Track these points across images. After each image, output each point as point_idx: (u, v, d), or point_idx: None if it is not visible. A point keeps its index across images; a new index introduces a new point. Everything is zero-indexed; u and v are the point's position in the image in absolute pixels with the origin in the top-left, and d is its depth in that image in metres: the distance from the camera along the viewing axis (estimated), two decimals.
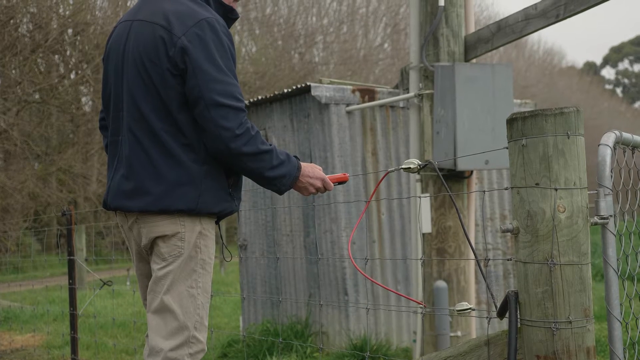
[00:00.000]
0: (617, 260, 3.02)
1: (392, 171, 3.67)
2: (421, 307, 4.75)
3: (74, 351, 7.40)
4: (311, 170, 3.90)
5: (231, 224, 28.57)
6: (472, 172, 7.30)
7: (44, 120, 25.27)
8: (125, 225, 3.88)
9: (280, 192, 3.84)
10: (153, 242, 3.73)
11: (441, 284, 7.16)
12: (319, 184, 3.93)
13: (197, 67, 3.56)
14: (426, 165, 3.58)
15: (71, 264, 7.40)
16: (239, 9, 30.41)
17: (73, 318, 7.46)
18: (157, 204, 3.64)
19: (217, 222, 3.89)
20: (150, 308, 3.73)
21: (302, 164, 3.86)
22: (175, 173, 3.64)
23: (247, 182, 10.19)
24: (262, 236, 10.79)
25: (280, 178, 3.74)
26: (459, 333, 7.22)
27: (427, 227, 7.23)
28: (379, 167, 9.74)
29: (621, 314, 2.98)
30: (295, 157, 3.84)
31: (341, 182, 4.11)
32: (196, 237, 3.70)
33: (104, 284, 7.19)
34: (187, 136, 3.64)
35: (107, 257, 23.37)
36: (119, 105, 3.82)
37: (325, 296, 9.66)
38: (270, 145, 3.68)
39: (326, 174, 3.96)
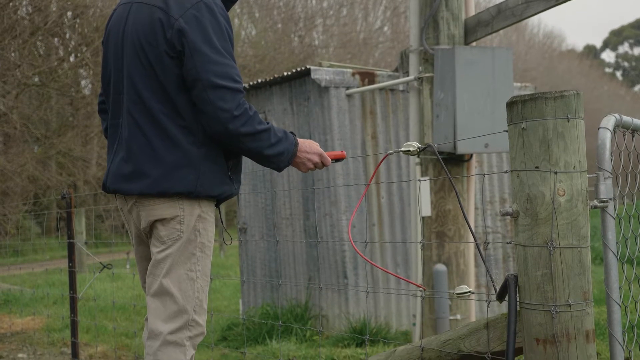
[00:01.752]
0: (617, 243, 3.02)
1: (392, 154, 3.66)
2: (421, 291, 4.75)
3: (74, 334, 7.41)
4: (308, 145, 3.90)
5: (231, 207, 28.58)
6: (471, 155, 7.29)
7: (43, 103, 25.25)
8: (125, 208, 3.88)
9: (279, 169, 3.84)
10: (152, 226, 3.73)
11: (441, 267, 7.16)
12: (316, 159, 3.92)
13: (194, 48, 3.55)
14: (426, 148, 3.57)
15: (71, 247, 7.41)
16: None
17: (73, 301, 7.47)
18: (156, 187, 3.64)
19: (217, 206, 3.89)
20: (150, 291, 3.73)
21: (299, 140, 3.86)
22: (173, 155, 3.64)
23: (246, 165, 10.15)
24: (262, 219, 10.80)
25: (278, 155, 3.74)
26: (459, 316, 7.23)
27: (426, 210, 7.22)
28: (379, 151, 9.74)
29: (620, 297, 2.99)
30: (292, 133, 3.84)
31: (339, 159, 4.10)
32: (195, 220, 3.70)
33: (104, 267, 7.19)
34: (185, 119, 3.63)
35: (106, 240, 23.38)
36: (118, 88, 3.82)
37: (324, 279, 9.67)
38: (268, 123, 3.68)
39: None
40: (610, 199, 2.98)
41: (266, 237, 10.70)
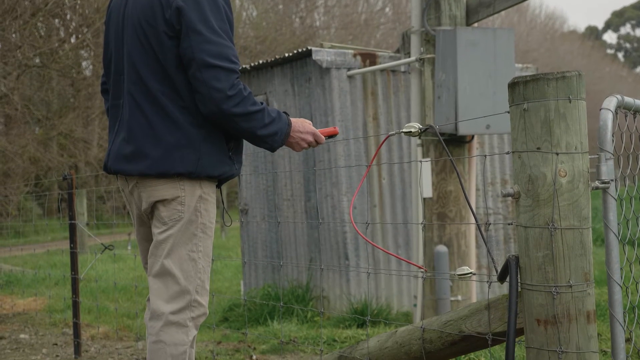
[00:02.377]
0: (618, 224, 3.02)
1: (393, 135, 3.66)
2: (422, 272, 4.76)
3: (76, 315, 7.43)
4: (301, 125, 3.89)
5: (232, 188, 28.59)
6: (473, 136, 7.29)
7: (44, 84, 25.22)
8: (126, 189, 3.88)
9: (273, 150, 3.84)
10: (153, 207, 3.74)
11: (442, 248, 7.17)
12: (310, 138, 3.92)
13: (190, 28, 3.55)
14: (427, 129, 3.57)
15: (72, 228, 7.41)
16: None
17: (74, 282, 7.48)
18: (156, 168, 3.64)
19: (218, 186, 3.90)
20: (152, 272, 3.75)
21: (292, 119, 3.86)
22: (173, 136, 3.64)
23: (247, 147, 10.15)
24: (263, 201, 10.80)
25: (272, 135, 3.74)
26: (460, 297, 7.24)
27: (427, 191, 7.23)
28: (380, 132, 9.73)
29: (621, 278, 2.99)
30: (285, 113, 3.84)
31: (332, 135, 4.10)
32: (196, 201, 3.71)
33: (105, 248, 7.20)
34: (185, 99, 3.64)
35: (108, 221, 23.42)
36: (119, 69, 3.82)
37: (326, 260, 9.68)
38: (262, 104, 3.68)
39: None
40: (612, 180, 2.98)
41: (267, 218, 10.71)
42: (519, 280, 2.97)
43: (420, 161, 5.51)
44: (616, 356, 3.00)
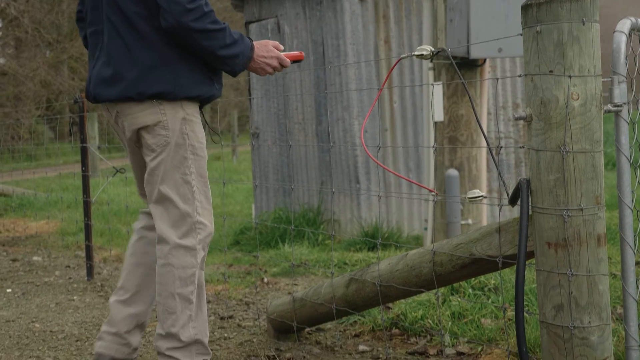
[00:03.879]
0: (630, 148, 3.01)
1: (405, 57, 3.63)
2: (433, 195, 4.77)
3: (88, 238, 7.48)
4: (265, 49, 3.85)
5: (243, 112, 28.56)
6: (485, 60, 7.24)
7: (54, 7, 25.10)
8: (111, 120, 3.89)
9: (234, 73, 3.81)
10: (139, 135, 3.74)
11: (453, 172, 7.17)
12: (274, 62, 3.89)
13: None
14: (439, 52, 3.54)
15: (84, 152, 7.43)
16: None
17: (86, 205, 7.52)
18: (132, 89, 3.64)
19: (200, 108, 3.88)
20: (151, 199, 3.78)
21: (256, 43, 3.83)
22: (149, 56, 3.64)
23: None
24: (274, 124, 10.80)
25: (233, 57, 3.71)
26: (470, 221, 7.26)
27: (439, 115, 7.21)
28: (392, 55, 9.68)
29: (632, 201, 2.99)
30: (249, 38, 3.81)
31: (297, 60, 4.07)
32: (180, 123, 3.71)
33: (117, 171, 7.21)
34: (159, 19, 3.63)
35: (119, 145, 23.41)
36: None
37: (337, 184, 9.71)
38: (224, 24, 3.65)
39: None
40: (625, 103, 2.96)
41: (279, 142, 10.71)
42: (530, 204, 2.97)
43: (432, 84, 5.48)
44: (626, 279, 3.01)
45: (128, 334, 4.04)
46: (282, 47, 3.95)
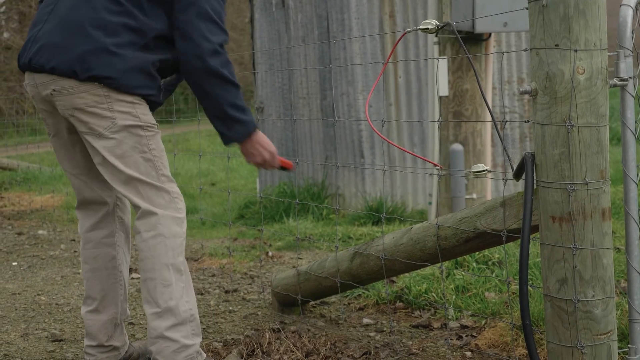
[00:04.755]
0: (635, 122, 3.01)
1: (410, 32, 3.62)
2: (437, 169, 4.79)
3: None
4: (265, 140, 3.81)
5: (247, 87, 28.49)
6: (490, 34, 7.22)
7: None
8: (38, 97, 3.70)
9: (227, 139, 3.74)
10: (76, 117, 3.55)
11: (457, 146, 7.17)
12: (267, 156, 3.84)
13: None
14: (444, 26, 3.54)
15: None
16: None
17: None
18: (79, 65, 3.45)
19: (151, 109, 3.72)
20: (117, 184, 3.60)
21: (260, 132, 3.78)
22: (109, 38, 3.47)
23: (263, 45, 10.15)
24: (279, 99, 10.79)
25: (236, 121, 3.65)
26: (474, 195, 7.26)
27: (444, 89, 7.20)
28: (396, 29, 9.66)
29: (637, 175, 2.99)
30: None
31: (285, 167, 4.03)
32: (127, 107, 3.55)
33: None
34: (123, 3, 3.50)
35: None
36: None
37: (341, 158, 9.71)
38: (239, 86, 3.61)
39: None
40: (630, 78, 2.96)
41: (283, 116, 10.71)
42: (534, 178, 2.97)
43: (437, 59, 5.47)
44: (630, 253, 3.02)
45: (110, 340, 3.90)
46: (276, 151, 3.91)
